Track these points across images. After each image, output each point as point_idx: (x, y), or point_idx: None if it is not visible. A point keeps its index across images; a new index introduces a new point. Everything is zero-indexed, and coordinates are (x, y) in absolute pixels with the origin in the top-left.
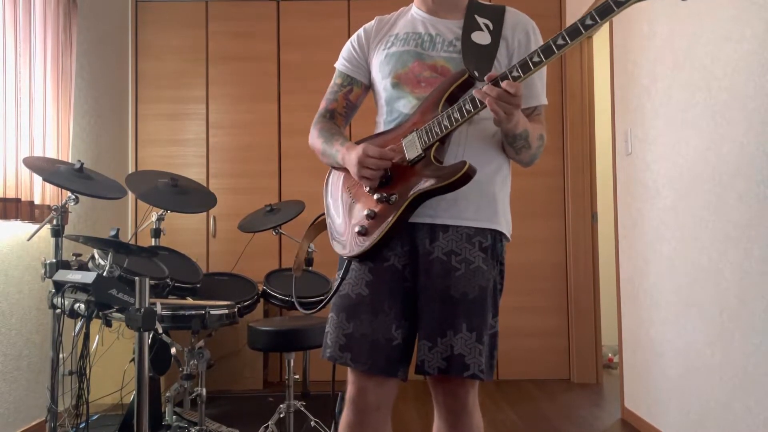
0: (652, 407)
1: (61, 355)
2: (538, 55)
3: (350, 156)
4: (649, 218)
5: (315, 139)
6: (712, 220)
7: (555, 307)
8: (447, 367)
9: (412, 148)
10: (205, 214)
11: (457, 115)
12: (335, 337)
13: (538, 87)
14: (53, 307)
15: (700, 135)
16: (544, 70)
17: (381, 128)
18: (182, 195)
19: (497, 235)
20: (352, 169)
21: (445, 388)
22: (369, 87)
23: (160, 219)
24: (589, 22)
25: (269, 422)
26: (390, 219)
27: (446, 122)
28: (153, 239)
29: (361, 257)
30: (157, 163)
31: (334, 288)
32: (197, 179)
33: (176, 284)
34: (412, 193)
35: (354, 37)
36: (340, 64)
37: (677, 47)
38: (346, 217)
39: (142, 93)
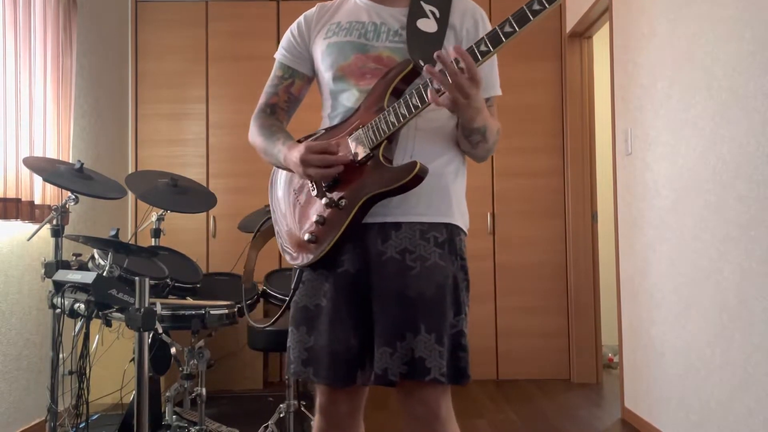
0: (652, 407)
1: (61, 355)
2: (486, 44)
3: (292, 155)
4: (649, 218)
5: (255, 137)
6: (712, 220)
7: (555, 307)
8: (409, 371)
9: (359, 146)
10: (205, 214)
11: (403, 110)
12: (297, 352)
13: (488, 78)
14: (53, 307)
15: (700, 135)
16: (495, 58)
17: (326, 123)
18: (182, 195)
19: (454, 229)
20: (297, 169)
21: (414, 396)
22: (312, 78)
23: (160, 219)
24: (536, 7)
25: (269, 422)
26: (341, 225)
27: (393, 118)
28: (153, 239)
29: (314, 265)
30: (157, 163)
31: (287, 301)
32: (197, 179)
33: (176, 284)
34: (362, 196)
35: (294, 25)
36: (279, 55)
37: (677, 47)
38: (294, 224)
39: (142, 93)
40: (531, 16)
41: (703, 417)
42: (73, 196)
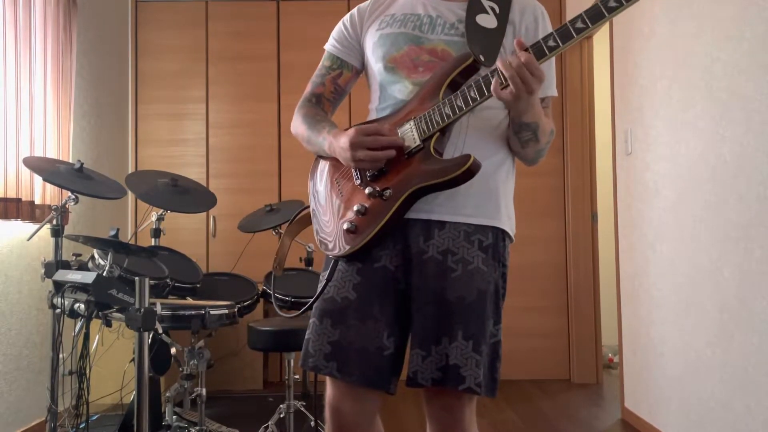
0: (652, 407)
1: (61, 355)
2: (554, 39)
3: (339, 141)
4: (649, 218)
5: (299, 125)
6: (712, 220)
7: (555, 307)
8: (442, 378)
9: (409, 137)
10: (205, 214)
11: (460, 102)
12: (319, 345)
13: (546, 76)
14: (53, 307)
15: (700, 135)
16: (552, 59)
17: (373, 115)
18: (182, 195)
19: (499, 234)
20: (344, 154)
21: (440, 402)
22: (360, 71)
23: (160, 219)
24: (612, 4)
25: (269, 422)
26: (384, 216)
27: (448, 110)
28: (153, 239)
29: (349, 257)
30: (157, 163)
31: (318, 291)
32: (197, 179)
33: (176, 284)
34: (409, 188)
35: (347, 16)
36: (329, 45)
37: (677, 47)
38: (333, 213)
39: (142, 93)
40: (606, 13)
41: (703, 417)
42: (73, 196)
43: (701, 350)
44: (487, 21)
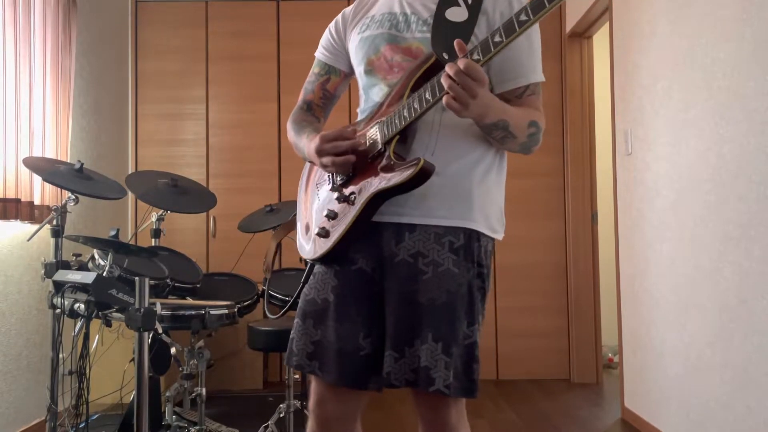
0: (652, 407)
1: (61, 355)
2: (500, 34)
3: (310, 147)
4: (649, 218)
5: (289, 132)
6: (712, 220)
7: (555, 307)
8: (415, 379)
9: (375, 141)
10: (205, 214)
11: (416, 104)
12: (302, 345)
13: (526, 64)
14: (53, 307)
15: (700, 135)
16: (537, 41)
17: (359, 119)
18: (182, 195)
19: (473, 234)
20: (315, 161)
21: (426, 402)
22: (350, 74)
23: (160, 219)
24: None
25: (269, 422)
26: (348, 220)
27: (405, 113)
28: (153, 239)
29: (325, 260)
30: (157, 163)
31: (296, 293)
32: (197, 179)
33: (176, 284)
34: (369, 192)
35: (332, 23)
36: (318, 52)
37: (677, 47)
38: (310, 217)
39: (142, 93)
40: (546, 3)
41: (703, 417)
42: (73, 197)
43: (701, 350)
44: (458, 14)
